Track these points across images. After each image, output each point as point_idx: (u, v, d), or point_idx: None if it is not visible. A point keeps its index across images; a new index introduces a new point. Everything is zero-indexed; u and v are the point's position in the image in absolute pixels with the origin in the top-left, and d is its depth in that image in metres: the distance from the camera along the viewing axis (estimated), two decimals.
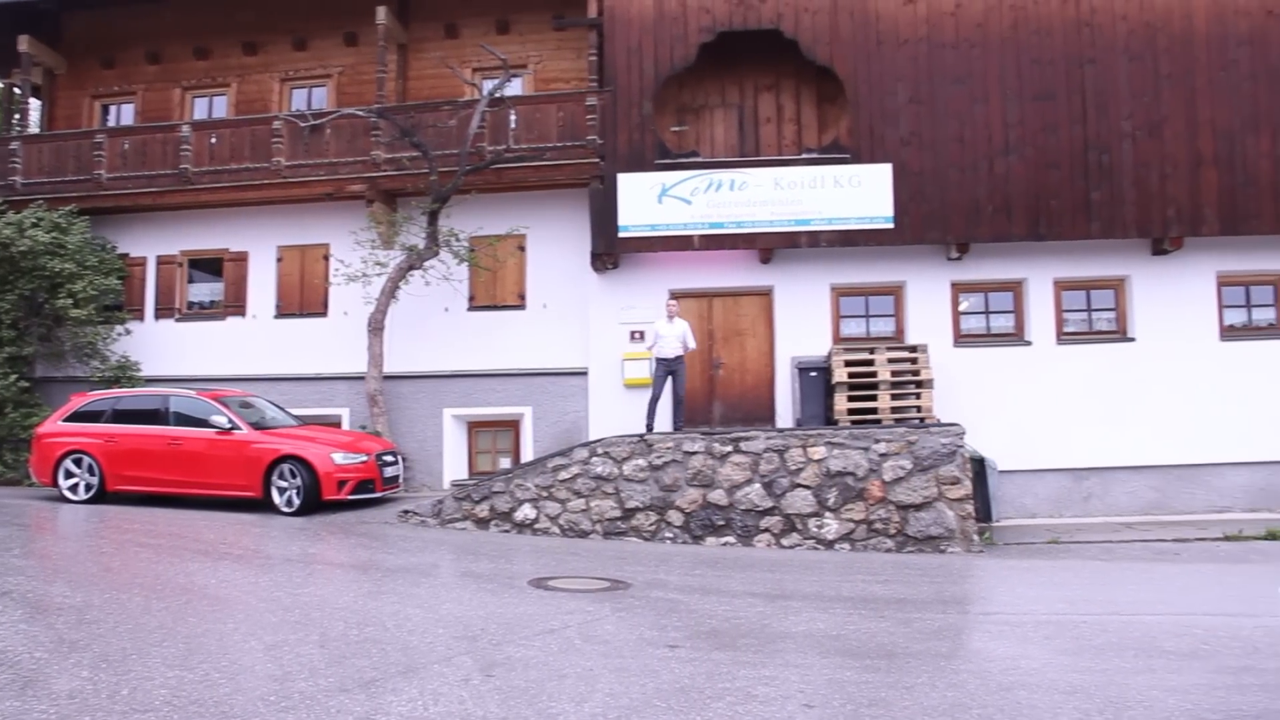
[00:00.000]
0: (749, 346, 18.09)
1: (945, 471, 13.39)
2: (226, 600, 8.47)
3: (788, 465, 13.68)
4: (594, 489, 14.01)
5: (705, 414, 17.92)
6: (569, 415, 18.28)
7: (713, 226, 17.32)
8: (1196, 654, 7.65)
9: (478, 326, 18.64)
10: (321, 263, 19.26)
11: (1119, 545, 14.28)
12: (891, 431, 13.79)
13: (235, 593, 8.81)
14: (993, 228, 17.12)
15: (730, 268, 18.01)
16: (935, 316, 17.68)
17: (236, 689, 5.99)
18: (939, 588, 10.71)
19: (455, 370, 18.52)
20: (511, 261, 18.72)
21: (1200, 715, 6.14)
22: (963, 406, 16.60)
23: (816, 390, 16.92)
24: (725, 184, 17.34)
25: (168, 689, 5.91)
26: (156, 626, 7.38)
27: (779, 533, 13.52)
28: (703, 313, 18.08)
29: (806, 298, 17.85)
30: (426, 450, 18.43)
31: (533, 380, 18.42)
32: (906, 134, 17.30)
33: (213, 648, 6.88)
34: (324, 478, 14.34)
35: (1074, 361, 17.47)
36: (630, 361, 17.78)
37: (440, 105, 18.41)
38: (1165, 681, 6.85)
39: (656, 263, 17.99)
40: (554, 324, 18.48)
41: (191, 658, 6.60)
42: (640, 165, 17.52)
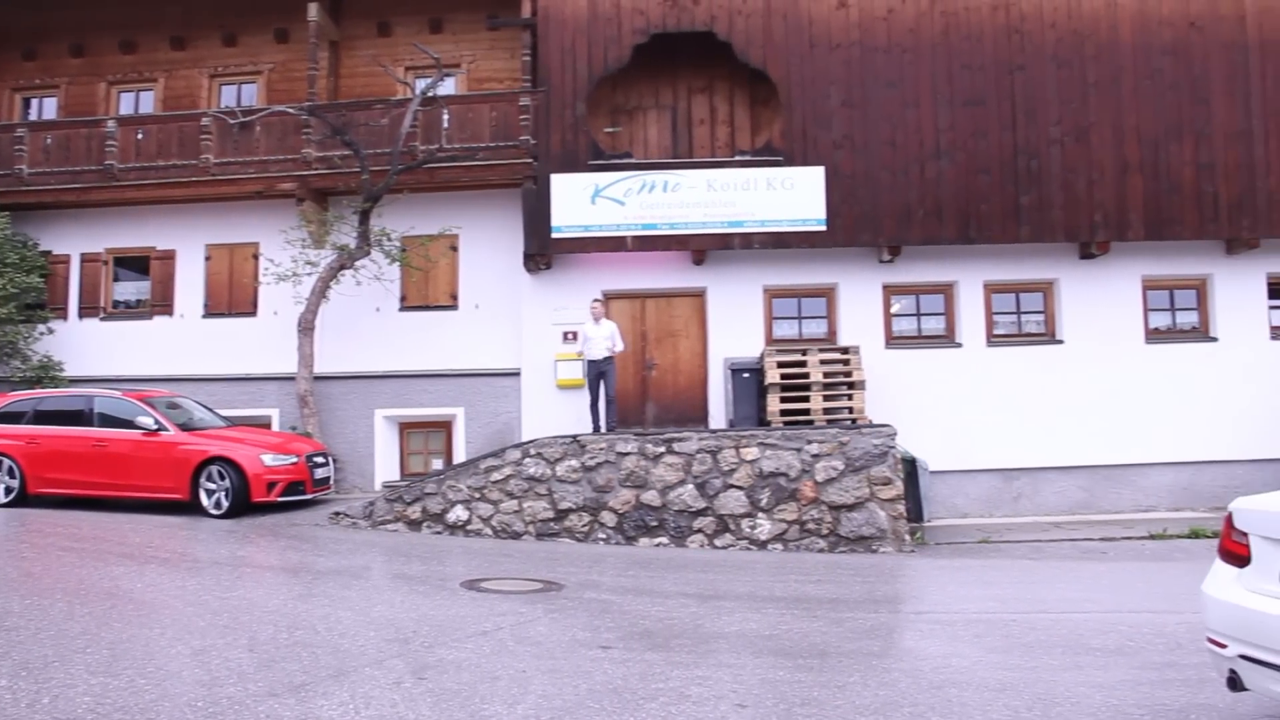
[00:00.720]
0: (682, 347, 18.10)
1: (877, 472, 13.51)
2: (152, 605, 8.34)
3: (721, 466, 13.73)
4: (527, 490, 13.97)
5: (638, 415, 17.91)
6: (502, 416, 18.20)
7: (646, 228, 17.31)
8: (1122, 650, 7.79)
9: (410, 327, 18.50)
10: (251, 262, 18.99)
11: (1048, 544, 14.47)
12: (824, 432, 13.88)
13: (162, 597, 8.69)
14: (924, 231, 17.28)
15: (663, 269, 18.02)
16: (867, 318, 17.80)
17: (163, 695, 5.91)
18: (871, 587, 10.81)
19: (387, 371, 18.37)
20: (444, 262, 18.61)
21: (1125, 711, 6.24)
22: (895, 408, 16.70)
23: (749, 391, 16.93)
24: (658, 185, 17.33)
25: (91, 696, 5.82)
26: (80, 633, 7.25)
27: (712, 533, 13.57)
28: (636, 314, 18.09)
29: (740, 299, 17.90)
30: (358, 451, 18.27)
31: (465, 381, 18.32)
32: (839, 137, 17.40)
33: (138, 653, 6.78)
34: (253, 479, 14.16)
35: (1004, 363, 17.70)
36: (563, 362, 17.71)
37: (373, 104, 18.27)
38: (1092, 678, 6.97)
39: (590, 263, 17.95)
40: (487, 325, 18.39)
41: (116, 664, 6.50)
42: (574, 166, 17.46)
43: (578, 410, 16.89)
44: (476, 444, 17.99)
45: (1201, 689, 6.65)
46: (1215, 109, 17.49)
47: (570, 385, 17.59)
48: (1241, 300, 17.89)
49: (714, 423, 17.66)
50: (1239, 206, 17.36)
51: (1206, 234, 17.46)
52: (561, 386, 17.80)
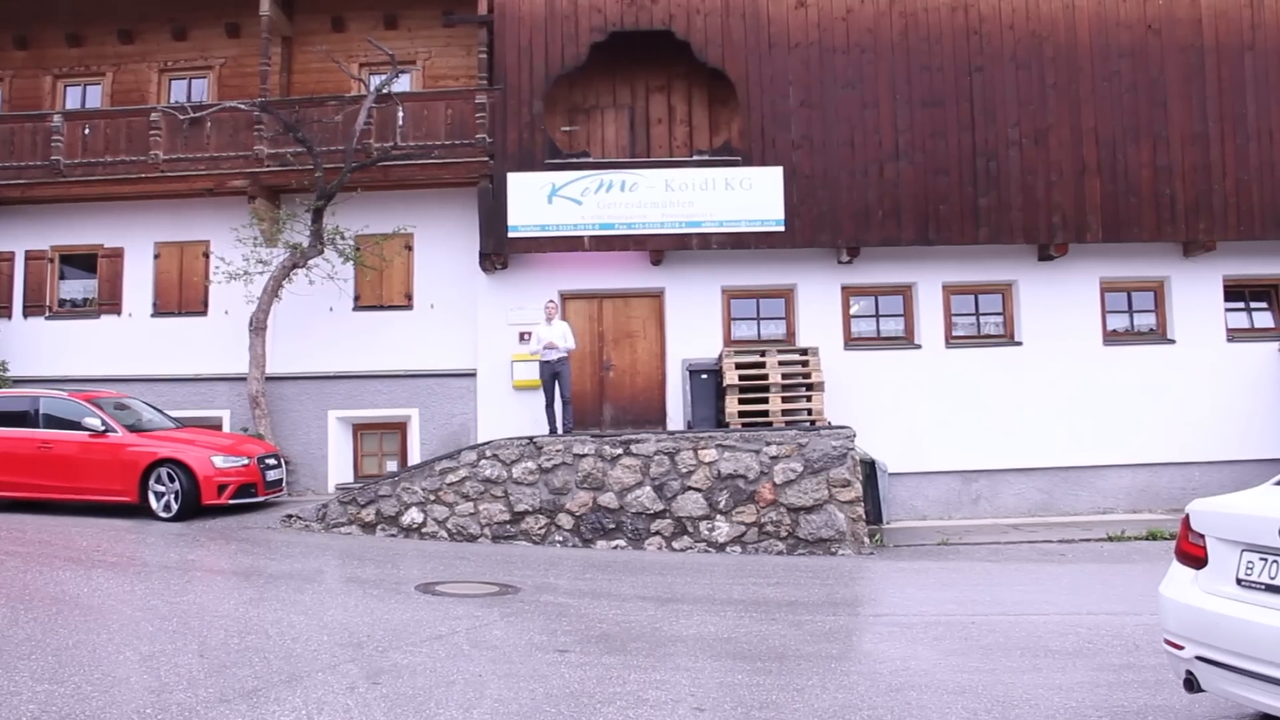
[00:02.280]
0: (640, 348, 18.12)
1: (836, 474, 13.57)
2: (100, 610, 8.26)
3: (679, 468, 13.75)
4: (482, 492, 13.94)
5: (595, 416, 17.91)
6: (457, 417, 18.17)
7: (603, 228, 17.30)
8: (1081, 653, 7.87)
9: (364, 327, 18.42)
10: (201, 260, 18.81)
11: (1007, 546, 14.58)
12: (782, 434, 13.94)
13: (109, 602, 8.60)
14: (883, 232, 17.36)
15: (621, 269, 18.04)
16: (826, 319, 17.87)
17: (110, 702, 5.85)
18: (830, 590, 10.87)
19: (340, 371, 18.27)
20: (398, 261, 18.51)
21: (1083, 713, 6.30)
22: (854, 409, 16.80)
23: (708, 392, 16.96)
24: (616, 185, 17.34)
25: (36, 704, 5.75)
26: (24, 639, 7.16)
27: (670, 536, 13.59)
28: (593, 314, 18.11)
29: (698, 300, 17.94)
30: (311, 453, 18.16)
31: (420, 382, 18.27)
32: (798, 137, 17.46)
33: (85, 660, 6.70)
34: (204, 482, 14.04)
35: (963, 365, 17.82)
36: (519, 363, 17.64)
37: (326, 100, 18.18)
38: (1051, 680, 7.03)
39: (547, 263, 17.93)
40: (442, 325, 18.35)
41: (62, 670, 6.42)
42: (530, 165, 17.43)
43: (534, 412, 16.87)
44: (431, 446, 17.92)
45: (1159, 690, 6.74)
46: (1172, 111, 17.69)
47: (527, 386, 17.52)
48: (1199, 302, 18.11)
49: (672, 424, 17.68)
50: (1196, 209, 17.56)
51: (1164, 236, 17.65)
52: (518, 388, 17.77)
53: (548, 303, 16.30)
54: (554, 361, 15.64)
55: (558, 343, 15.66)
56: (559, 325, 15.95)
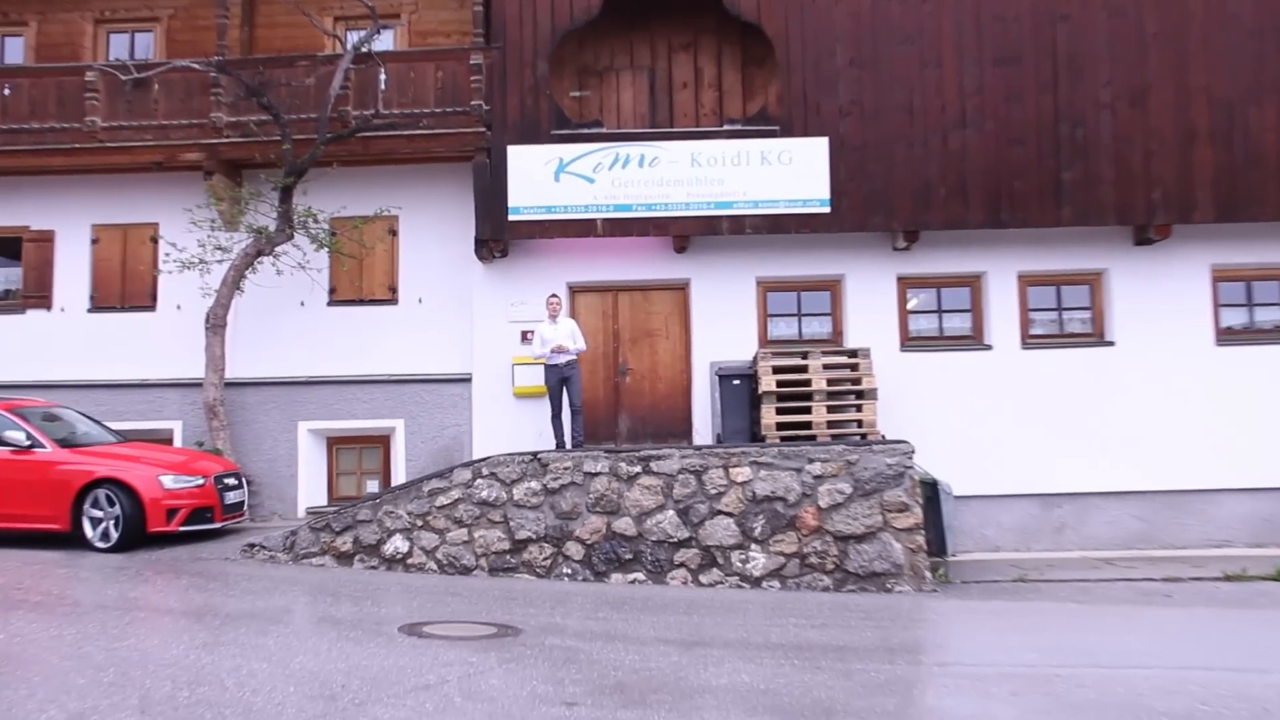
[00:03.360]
0: (661, 349, 18.08)
1: (891, 497, 13.45)
2: (20, 659, 8.15)
3: (707, 489, 13.67)
4: (478, 517, 13.88)
5: (610, 428, 17.90)
6: (449, 430, 18.14)
7: (619, 209, 17.27)
8: (1193, 716, 7.65)
9: (340, 324, 18.42)
10: (149, 245, 18.76)
11: (1098, 584, 14.40)
12: (828, 450, 13.83)
13: (32, 649, 8.48)
14: (946, 213, 17.24)
15: (640, 257, 18.00)
16: (879, 316, 17.80)
17: None
18: (885, 633, 10.73)
19: (313, 376, 18.28)
20: (381, 248, 18.51)
21: None
22: (912, 421, 16.61)
23: (740, 401, 16.92)
24: (634, 159, 17.29)
25: None
26: None
27: (696, 568, 13.51)
28: (607, 310, 18.11)
29: (729, 293, 17.89)
30: (278, 471, 18.14)
31: (406, 388, 18.25)
32: (846, 103, 17.35)
33: None
34: (150, 505, 13.90)
35: (1042, 369, 17.64)
36: (522, 367, 17.60)
37: (296, 60, 18.16)
38: None
39: (553, 251, 17.90)
40: (432, 322, 18.33)
41: None
42: (534, 136, 17.41)
43: (539, 423, 16.87)
44: (419, 462, 17.93)
45: None
46: None
47: (530, 393, 17.47)
48: None
49: (699, 438, 17.65)
50: None
51: None
52: (520, 395, 17.74)
53: (550, 298, 16.31)
54: (562, 366, 15.69)
55: (566, 344, 15.69)
56: (566, 324, 15.99)
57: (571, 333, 15.92)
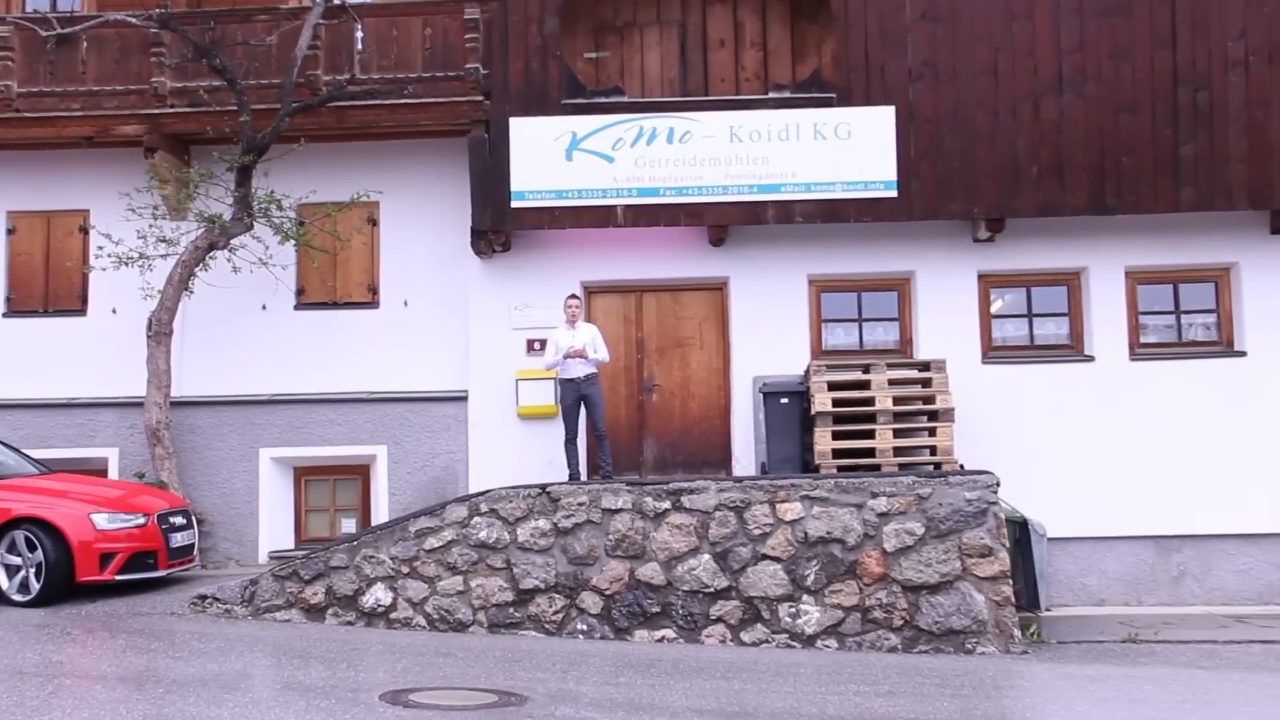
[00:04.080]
0: (694, 361, 18.12)
1: (971, 539, 13.41)
2: None
3: (749, 529, 13.66)
4: (476, 562, 13.91)
5: (633, 456, 17.94)
6: (440, 458, 18.17)
7: (643, 194, 17.31)
8: None
9: (310, 332, 18.48)
10: (78, 237, 18.85)
11: (1227, 647, 14.25)
12: (895, 482, 13.82)
13: None
14: (1038, 196, 17.20)
15: (668, 252, 18.03)
16: (956, 321, 17.77)
17: None
18: (965, 704, 10.69)
19: (277, 394, 18.33)
20: (359, 240, 18.53)
21: None
22: (996, 447, 16.58)
23: (789, 423, 16.82)
24: (661, 134, 17.33)
25: None
26: None
27: (737, 623, 13.52)
28: (628, 314, 18.17)
29: (775, 294, 17.87)
30: (235, 508, 18.17)
31: (389, 408, 18.28)
32: (917, 64, 17.35)
33: None
34: (79, 550, 13.85)
35: (1156, 384, 17.55)
36: (528, 382, 17.68)
37: (254, 14, 18.17)
38: None
39: (564, 244, 17.97)
40: (419, 329, 18.38)
41: None
42: (542, 107, 17.46)
43: (548, 449, 16.97)
44: (405, 497, 17.96)
45: None
46: None
47: (538, 414, 17.60)
48: None
49: (739, 467, 17.67)
50: None
51: None
52: (525, 416, 17.79)
53: (569, 299, 16.34)
54: (580, 380, 15.75)
55: (585, 354, 15.70)
56: (586, 330, 16.01)
57: (592, 340, 15.96)
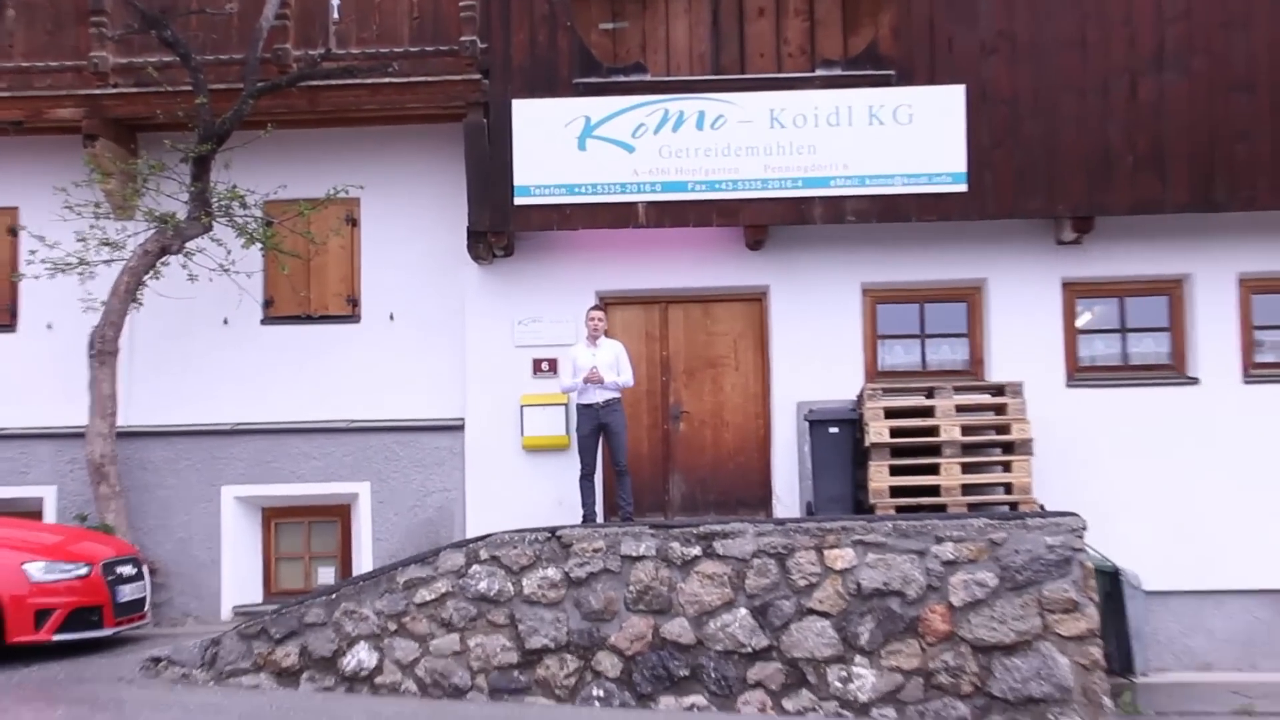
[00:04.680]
0: (728, 384, 18.17)
1: (1054, 592, 13.34)
2: None
3: (793, 579, 13.64)
4: (475, 618, 13.88)
5: (658, 494, 18.00)
6: (433, 497, 18.18)
7: (669, 188, 17.35)
8: None
9: (280, 350, 18.54)
10: (5, 240, 18.94)
11: None
12: (963, 525, 13.75)
13: None
14: (1134, 191, 17.14)
15: (698, 256, 18.07)
16: (1036, 337, 17.78)
17: None
18: None
19: (242, 423, 18.39)
20: (336, 243, 18.58)
21: None
22: (1082, 484, 16.62)
23: (839, 456, 16.83)
24: (690, 119, 17.37)
25: None
26: None
27: (779, 689, 13.47)
28: (652, 329, 18.24)
29: (823, 305, 17.88)
30: (193, 556, 18.18)
31: (373, 439, 18.32)
32: (990, 35, 17.35)
33: None
34: (10, 606, 13.73)
35: (1274, 411, 17.51)
36: (535, 408, 17.75)
37: None
38: None
39: (576, 247, 18.03)
40: (408, 347, 18.45)
41: None
42: (550, 86, 17.51)
43: (559, 486, 17.10)
44: (392, 542, 18.00)
45: None
46: None
47: (547, 446, 17.69)
48: None
49: (781, 508, 17.70)
50: None
51: None
52: (532, 448, 17.85)
53: (591, 311, 16.35)
54: (599, 407, 15.77)
55: (606, 375, 15.74)
56: (609, 348, 16.04)
57: (616, 360, 15.96)
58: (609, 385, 15.78)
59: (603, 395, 15.72)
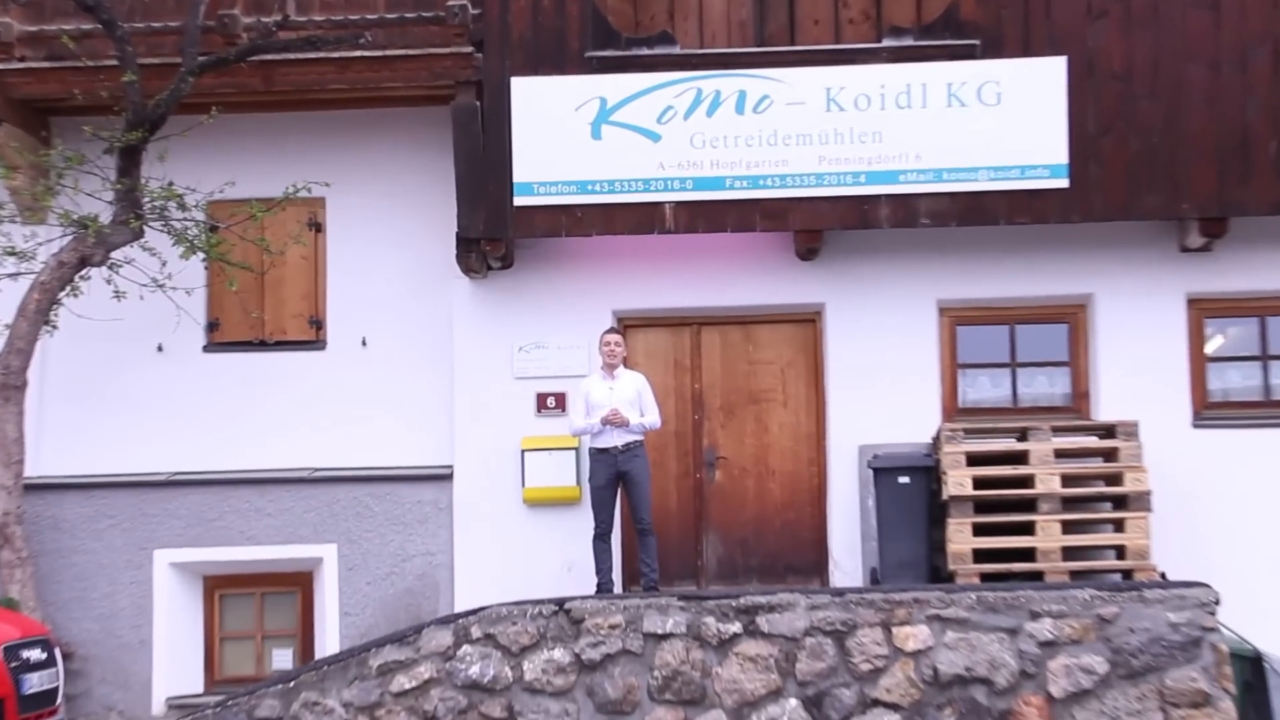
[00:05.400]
0: (775, 425, 18.12)
1: (1179, 680, 13.26)
2: None
3: (854, 662, 13.60)
4: (465, 710, 13.83)
5: (688, 558, 17.96)
6: (414, 561, 18.07)
7: (703, 186, 17.26)
8: None
9: (227, 384, 18.46)
10: None
11: None
12: (1065, 597, 13.71)
13: None
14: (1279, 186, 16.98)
15: (738, 268, 18.00)
16: (1154, 365, 17.58)
17: None
18: None
19: (180, 473, 18.29)
20: (297, 254, 18.49)
21: None
22: (1214, 547, 16.48)
23: (911, 512, 16.76)
24: (728, 100, 17.28)
25: None
26: None
27: None
28: (681, 357, 18.21)
29: (891, 328, 17.73)
30: (118, 636, 18.03)
31: (341, 492, 18.21)
32: None
33: None
34: None
35: None
36: (538, 454, 17.66)
37: None
38: None
39: (589, 257, 18.01)
40: (383, 380, 18.41)
41: None
42: (558, 61, 17.44)
43: (569, 548, 17.05)
44: (364, 618, 17.92)
45: None
46: None
47: (553, 500, 17.61)
48: None
49: (840, 575, 17.63)
50: None
51: None
52: (534, 502, 17.75)
53: (607, 336, 16.25)
54: (617, 451, 15.64)
55: (628, 412, 15.62)
56: (630, 381, 15.98)
57: (638, 397, 15.83)
58: (633, 428, 15.63)
59: (622, 438, 15.57)
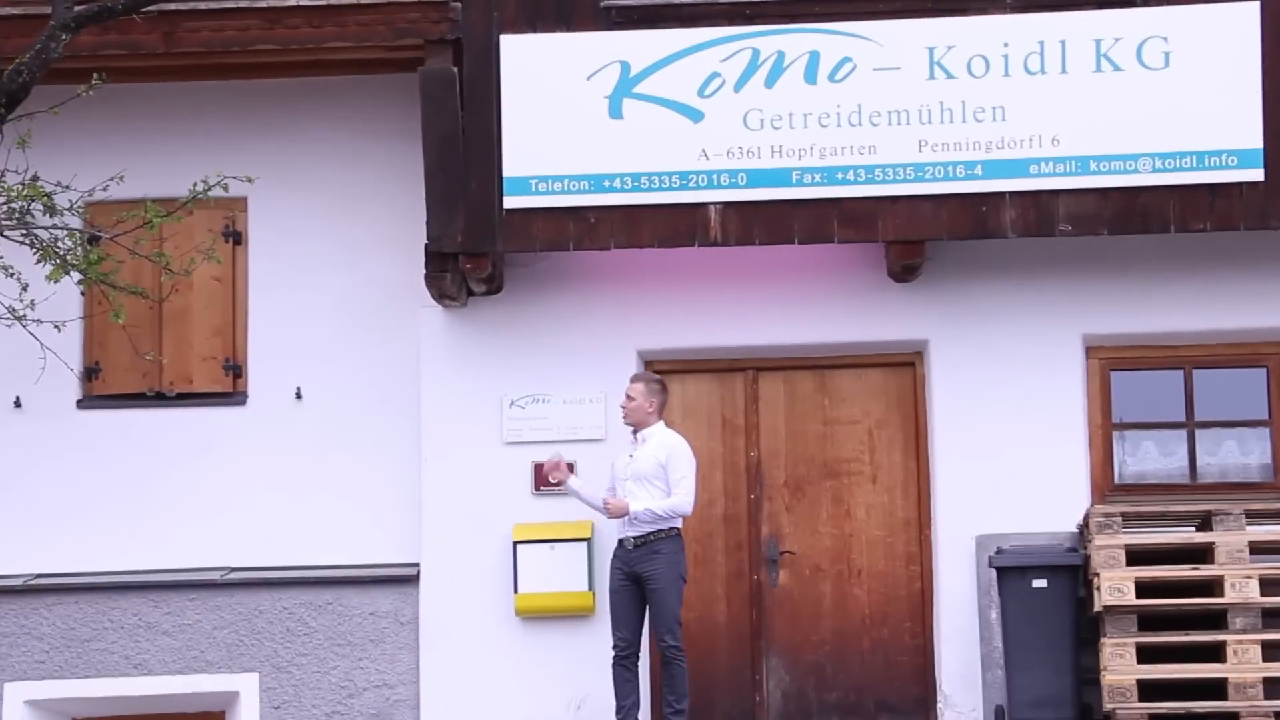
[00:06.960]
0: (861, 505, 16.59)
1: None
2: None
3: None
4: None
5: (742, 690, 16.45)
6: (366, 697, 16.40)
7: (759, 181, 15.64)
8: None
9: (110, 453, 17.01)
10: None
11: None
12: None
13: None
14: None
15: (810, 292, 16.29)
16: None
17: None
18: None
19: (43, 575, 16.77)
20: (208, 274, 16.66)
21: None
22: None
23: (1051, 626, 15.07)
24: (795, 65, 15.63)
25: None
26: None
27: None
28: (731, 414, 16.78)
29: (1019, 373, 16.14)
30: None
31: (265, 600, 16.62)
32: None
33: None
34: None
35: None
36: (534, 546, 15.85)
37: None
38: None
39: (605, 277, 16.40)
40: (325, 445, 16.87)
41: None
42: (563, 15, 15.90)
43: (576, 680, 15.69)
44: None
45: None
46: None
47: (556, 611, 15.96)
48: None
49: (952, 714, 15.81)
50: None
51: None
52: (530, 614, 16.07)
53: (635, 387, 14.58)
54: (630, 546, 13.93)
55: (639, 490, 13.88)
56: (657, 445, 14.31)
57: (659, 469, 13.94)
58: (640, 516, 13.82)
59: (634, 529, 13.92)
